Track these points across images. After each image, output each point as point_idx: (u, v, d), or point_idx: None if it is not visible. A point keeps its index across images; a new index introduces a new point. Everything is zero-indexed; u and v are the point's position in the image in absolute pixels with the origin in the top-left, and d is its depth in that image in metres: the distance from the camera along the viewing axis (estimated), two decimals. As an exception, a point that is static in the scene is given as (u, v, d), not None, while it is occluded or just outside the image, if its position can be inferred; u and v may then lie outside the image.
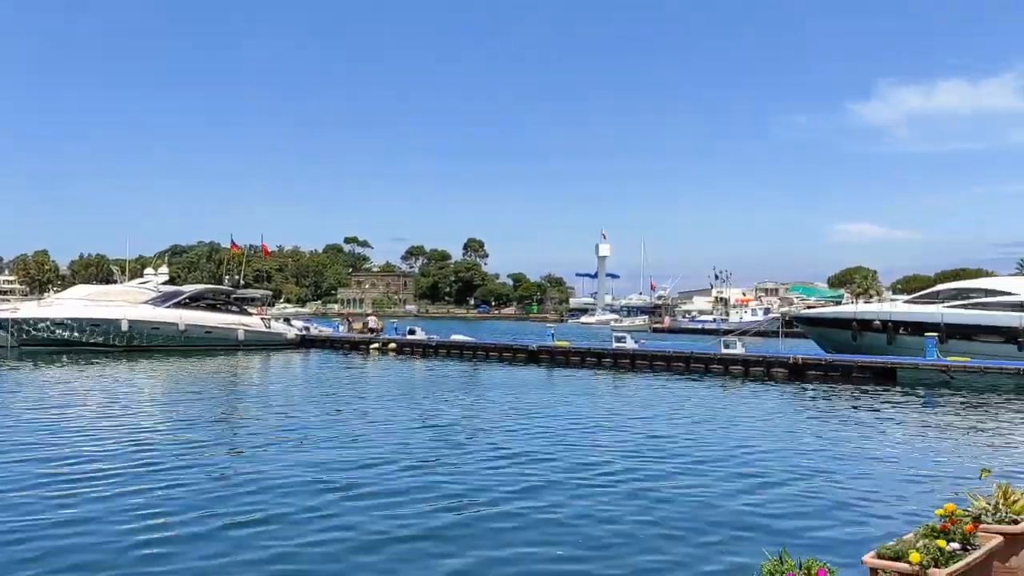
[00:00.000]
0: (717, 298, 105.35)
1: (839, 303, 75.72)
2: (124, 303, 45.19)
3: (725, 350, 35.49)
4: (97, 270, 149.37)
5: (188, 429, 18.21)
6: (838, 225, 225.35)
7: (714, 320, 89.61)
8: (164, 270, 56.61)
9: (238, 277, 55.89)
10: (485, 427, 19.14)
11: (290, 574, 8.66)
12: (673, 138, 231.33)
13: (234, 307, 50.40)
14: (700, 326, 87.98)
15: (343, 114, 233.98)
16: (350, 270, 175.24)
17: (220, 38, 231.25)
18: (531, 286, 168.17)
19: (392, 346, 46.46)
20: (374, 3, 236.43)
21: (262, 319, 50.02)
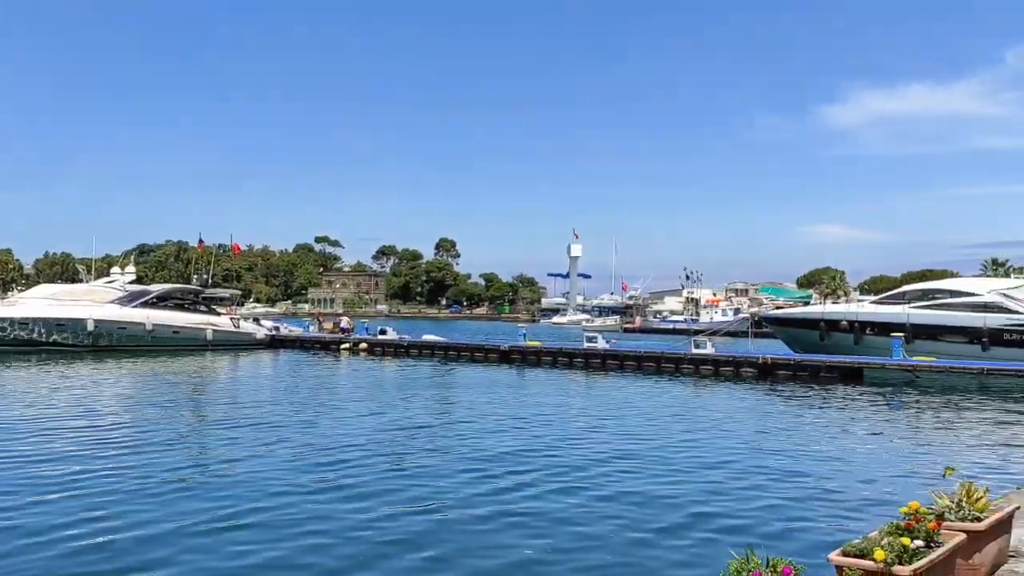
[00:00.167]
0: (688, 298, 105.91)
1: (808, 304, 76.53)
2: (90, 302, 44.52)
3: (695, 350, 35.72)
4: (62, 269, 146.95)
5: (152, 431, 17.94)
6: (807, 226, 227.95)
7: (685, 320, 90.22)
8: (131, 269, 55.76)
9: (206, 276, 55.21)
10: (456, 428, 19.09)
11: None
12: (644, 139, 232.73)
13: (202, 307, 49.86)
14: (671, 326, 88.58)
15: (314, 114, 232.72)
16: (321, 270, 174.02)
17: (189, 37, 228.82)
18: (503, 286, 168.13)
19: (363, 346, 46.23)
20: (339, 3, 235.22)
21: (231, 319, 49.52)
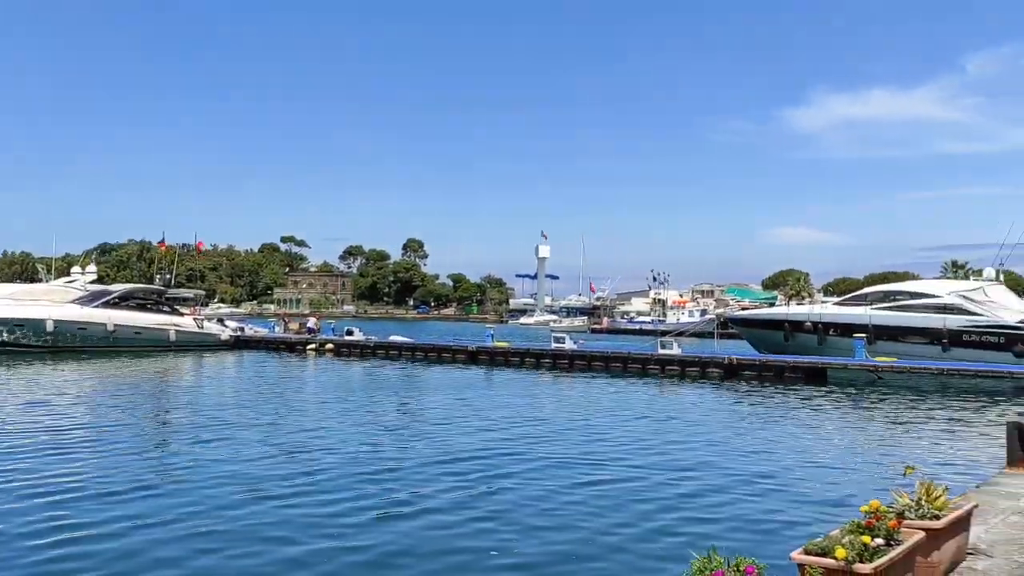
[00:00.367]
0: (655, 300, 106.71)
1: (773, 305, 77.36)
2: (49, 302, 43.86)
3: (662, 351, 35.93)
4: (21, 268, 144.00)
5: (112, 434, 17.62)
6: (772, 229, 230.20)
7: (652, 321, 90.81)
8: (92, 269, 54.96)
9: (169, 276, 54.47)
10: (423, 429, 19.00)
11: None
12: (611, 139, 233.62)
13: (165, 307, 49.27)
14: (638, 327, 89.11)
15: (280, 114, 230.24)
16: (287, 270, 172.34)
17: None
18: (471, 287, 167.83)
19: (329, 347, 45.88)
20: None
21: (195, 319, 48.95)
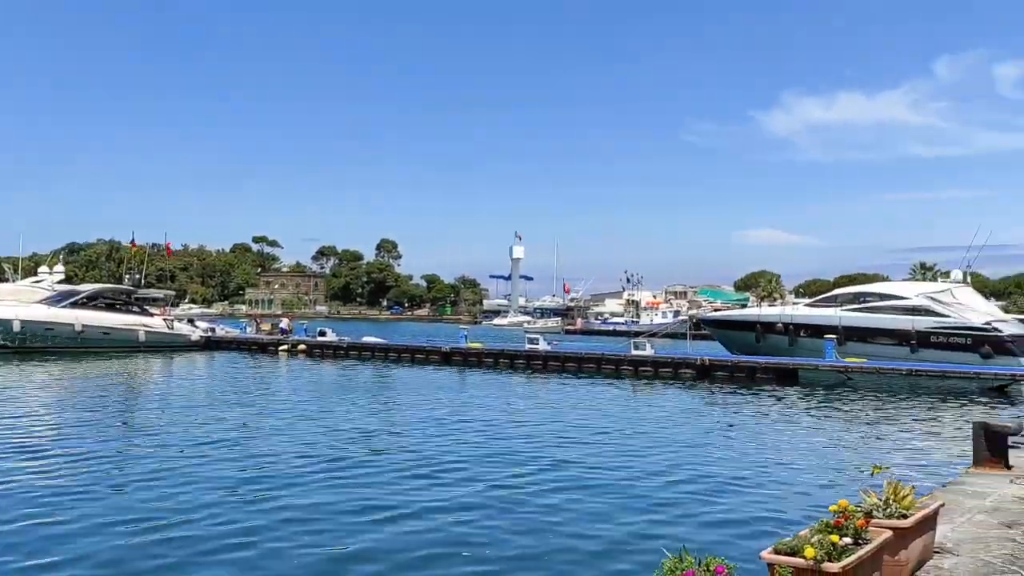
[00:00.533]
0: (628, 301, 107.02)
1: (745, 306, 77.94)
2: (16, 302, 43.32)
3: (635, 351, 36.09)
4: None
5: (78, 436, 17.38)
6: (744, 230, 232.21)
7: (625, 322, 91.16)
8: (60, 268, 54.22)
9: (139, 276, 53.87)
10: (396, 432, 18.90)
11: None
12: (586, 139, 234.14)
13: (135, 307, 48.73)
14: (612, 328, 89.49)
15: (252, 113, 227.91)
16: (259, 270, 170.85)
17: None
18: (445, 287, 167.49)
19: (302, 348, 45.56)
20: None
21: (164, 320, 48.42)
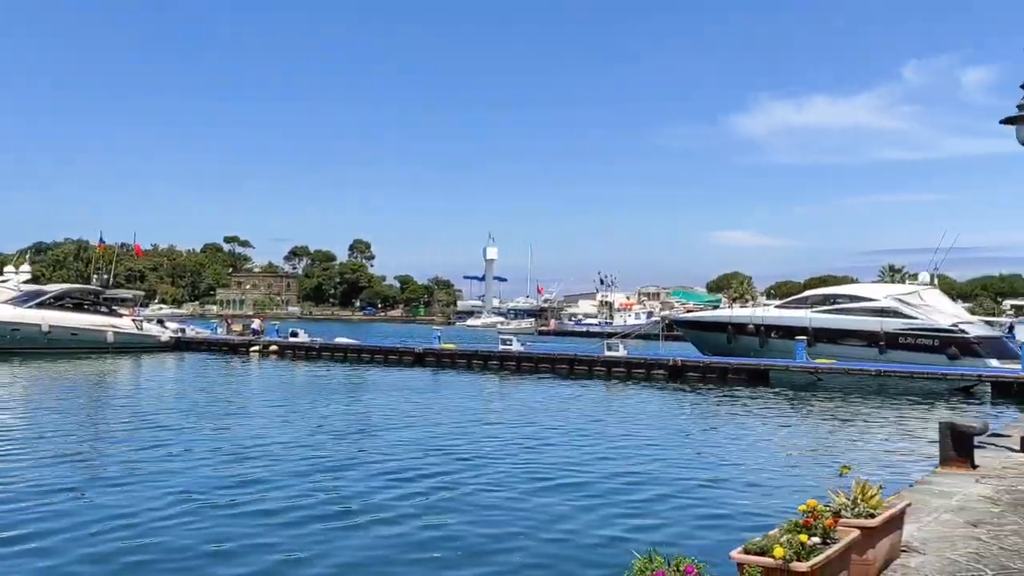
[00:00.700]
0: (602, 302, 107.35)
1: (717, 307, 78.46)
2: (-20, 303, 42.46)
3: (608, 352, 36.21)
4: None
5: (44, 438, 17.10)
6: (716, 232, 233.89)
7: (599, 323, 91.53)
8: (26, 268, 53.29)
9: (107, 276, 53.19)
10: (369, 434, 18.79)
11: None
12: (559, 140, 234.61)
13: (103, 308, 48.12)
14: (585, 329, 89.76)
15: (222, 114, 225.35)
16: (230, 270, 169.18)
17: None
18: (418, 288, 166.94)
19: (273, 349, 45.18)
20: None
21: (133, 320, 47.80)
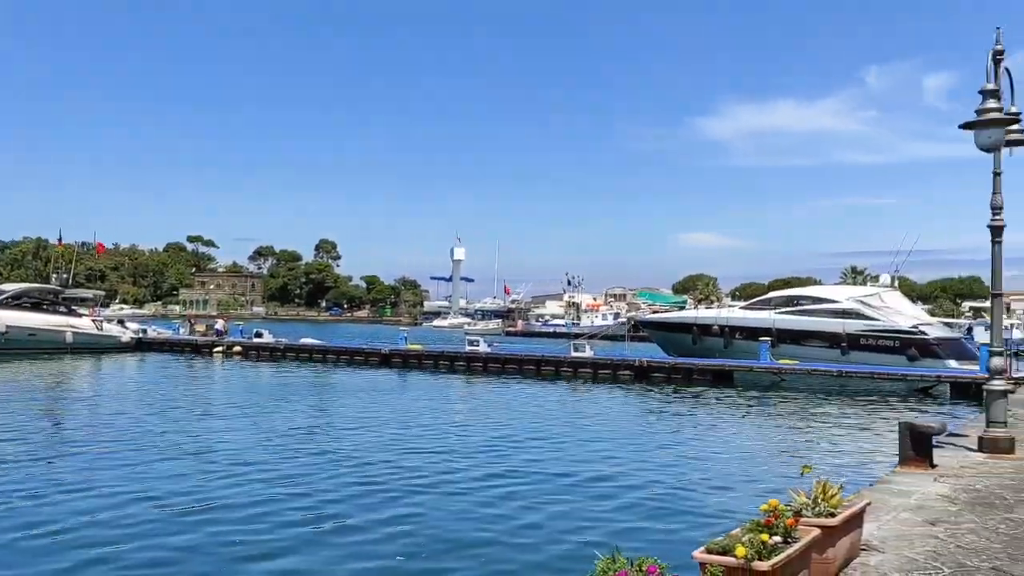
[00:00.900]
0: (569, 303, 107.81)
1: (682, 308, 79.09)
2: (-66, 303, 41.53)
3: (575, 353, 36.32)
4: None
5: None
6: (682, 234, 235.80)
7: (566, 324, 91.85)
8: (-18, 267, 52.24)
9: (67, 276, 52.29)
10: (333, 436, 18.61)
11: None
12: (526, 139, 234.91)
13: (62, 308, 47.20)
14: (552, 330, 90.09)
15: (186, 113, 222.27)
16: (193, 270, 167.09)
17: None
18: (385, 288, 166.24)
19: (237, 349, 44.67)
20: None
21: (93, 320, 47.02)
